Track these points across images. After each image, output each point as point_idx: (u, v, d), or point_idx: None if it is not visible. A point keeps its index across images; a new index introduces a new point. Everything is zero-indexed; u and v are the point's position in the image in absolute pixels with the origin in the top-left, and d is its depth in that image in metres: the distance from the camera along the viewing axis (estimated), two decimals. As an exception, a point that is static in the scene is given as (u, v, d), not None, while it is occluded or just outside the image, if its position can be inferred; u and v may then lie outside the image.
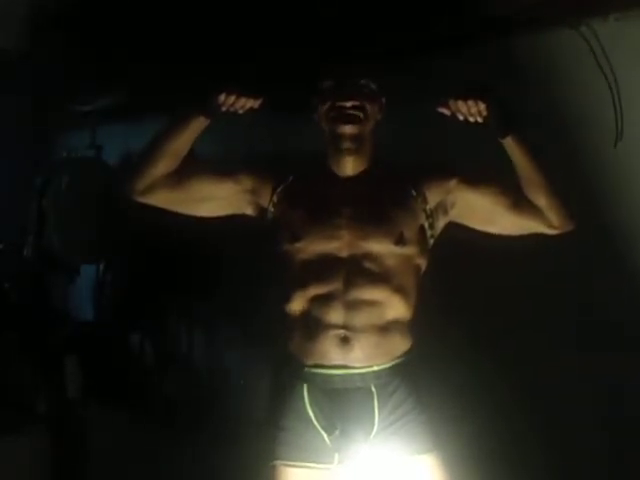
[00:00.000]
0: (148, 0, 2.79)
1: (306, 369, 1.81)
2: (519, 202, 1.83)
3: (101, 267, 4.54)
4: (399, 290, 1.81)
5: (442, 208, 1.88)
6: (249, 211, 1.95)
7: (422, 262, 1.88)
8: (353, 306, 1.78)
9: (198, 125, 1.83)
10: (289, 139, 2.94)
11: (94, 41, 3.21)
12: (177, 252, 3.62)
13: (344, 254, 1.80)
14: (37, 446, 3.23)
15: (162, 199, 1.89)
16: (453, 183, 1.87)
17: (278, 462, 1.83)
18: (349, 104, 1.81)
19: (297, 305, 1.83)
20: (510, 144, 1.77)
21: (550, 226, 1.83)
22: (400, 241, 1.80)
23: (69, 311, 4.75)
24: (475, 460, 2.11)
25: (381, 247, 1.80)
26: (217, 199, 1.92)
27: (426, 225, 1.87)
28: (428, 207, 1.86)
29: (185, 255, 3.60)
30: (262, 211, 1.92)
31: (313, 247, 1.81)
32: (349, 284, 1.78)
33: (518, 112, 1.76)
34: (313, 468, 1.81)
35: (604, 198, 2.12)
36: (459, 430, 2.01)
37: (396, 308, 1.82)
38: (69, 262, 4.51)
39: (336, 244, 1.80)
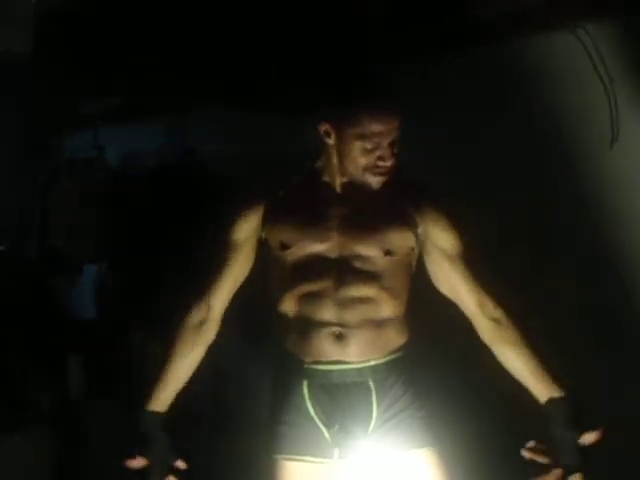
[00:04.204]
0: (148, 1, 2.81)
1: (305, 366, 1.82)
2: (476, 303, 1.82)
3: (102, 267, 4.55)
4: (390, 288, 1.82)
5: (425, 233, 1.84)
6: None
7: (413, 263, 1.87)
8: (345, 303, 1.78)
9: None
10: (289, 141, 2.95)
11: (95, 41, 3.23)
12: (177, 252, 3.64)
13: (334, 255, 1.80)
14: (39, 445, 3.24)
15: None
16: (435, 222, 1.82)
17: (279, 456, 1.84)
18: (388, 163, 1.74)
19: (289, 305, 1.84)
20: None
21: (475, 322, 1.85)
22: (388, 253, 1.80)
23: (71, 311, 4.75)
24: (473, 454, 2.12)
25: (370, 252, 1.80)
26: (249, 261, 1.91)
27: (414, 243, 1.84)
28: (419, 230, 1.83)
29: (185, 255, 3.62)
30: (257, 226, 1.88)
31: (303, 250, 1.81)
32: (339, 282, 1.79)
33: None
34: (313, 462, 1.82)
35: (600, 197, 2.14)
36: (457, 425, 2.02)
37: (388, 304, 1.82)
38: (71, 262, 4.52)
39: (326, 246, 1.80)
